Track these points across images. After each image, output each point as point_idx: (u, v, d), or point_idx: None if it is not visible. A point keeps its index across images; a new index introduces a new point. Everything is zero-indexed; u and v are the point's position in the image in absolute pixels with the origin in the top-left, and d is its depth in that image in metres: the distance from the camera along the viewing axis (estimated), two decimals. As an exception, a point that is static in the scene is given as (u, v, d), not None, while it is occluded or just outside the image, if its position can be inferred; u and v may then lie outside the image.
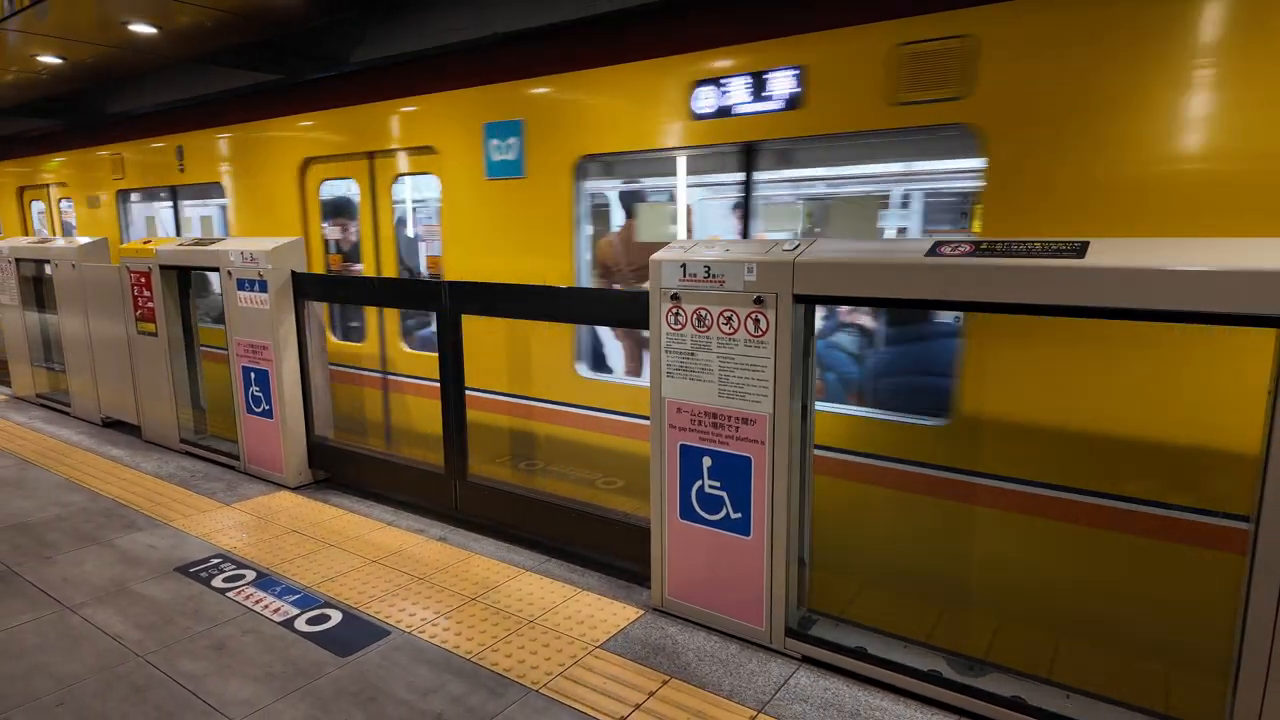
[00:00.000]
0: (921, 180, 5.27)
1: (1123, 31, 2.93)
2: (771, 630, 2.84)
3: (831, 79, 3.60)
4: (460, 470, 4.02)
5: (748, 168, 4.02)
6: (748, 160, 4.00)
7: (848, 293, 2.51)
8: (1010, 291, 2.21)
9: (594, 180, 4.92)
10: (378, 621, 3.09)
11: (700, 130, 4.02)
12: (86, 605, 3.25)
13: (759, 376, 2.72)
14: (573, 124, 4.54)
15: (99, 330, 6.00)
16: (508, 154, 4.89)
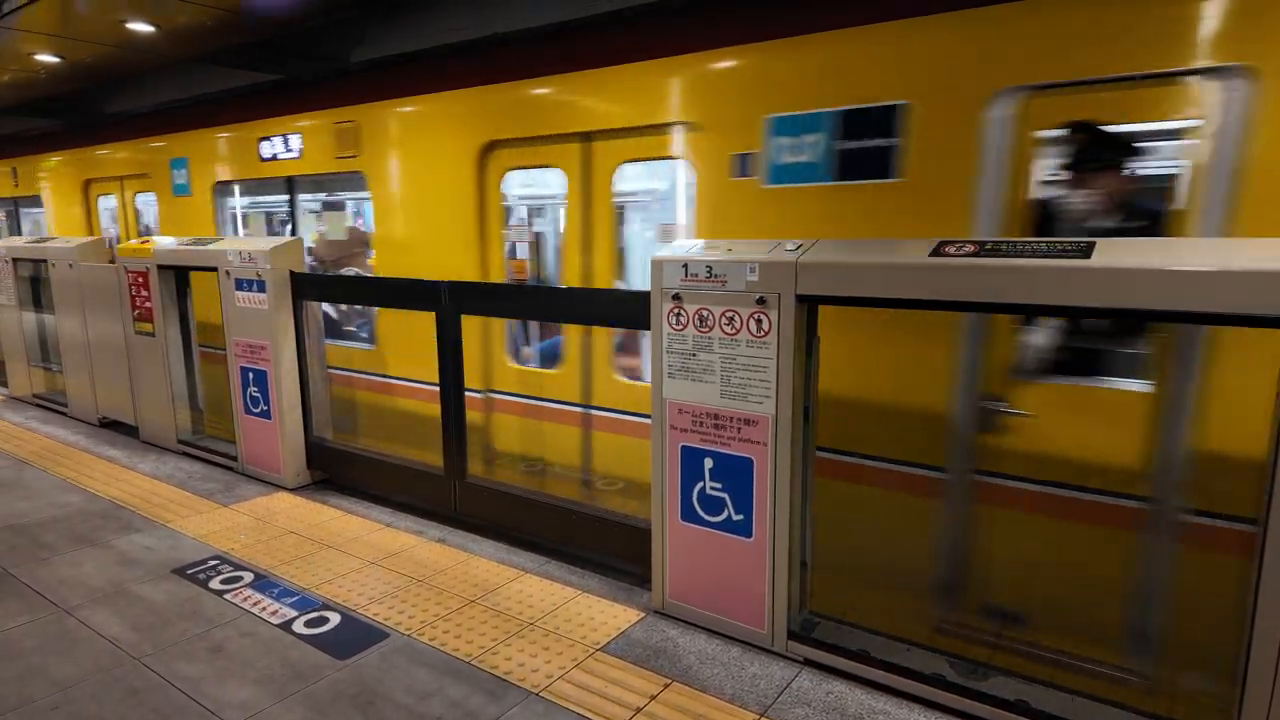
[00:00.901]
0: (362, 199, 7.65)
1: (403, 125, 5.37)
2: (773, 633, 2.82)
3: (314, 142, 5.95)
4: (460, 471, 3.99)
5: (291, 191, 6.69)
6: (290, 185, 6.64)
7: (851, 293, 2.49)
8: (1015, 292, 2.19)
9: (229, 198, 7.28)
10: (376, 624, 3.07)
11: (265, 168, 6.46)
12: (83, 607, 3.23)
13: (761, 377, 2.70)
14: (211, 160, 6.96)
15: (96, 330, 5.98)
16: (181, 179, 7.35)
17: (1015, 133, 3.08)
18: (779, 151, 3.66)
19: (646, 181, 5.21)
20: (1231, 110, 2.68)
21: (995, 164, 3.12)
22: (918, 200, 3.30)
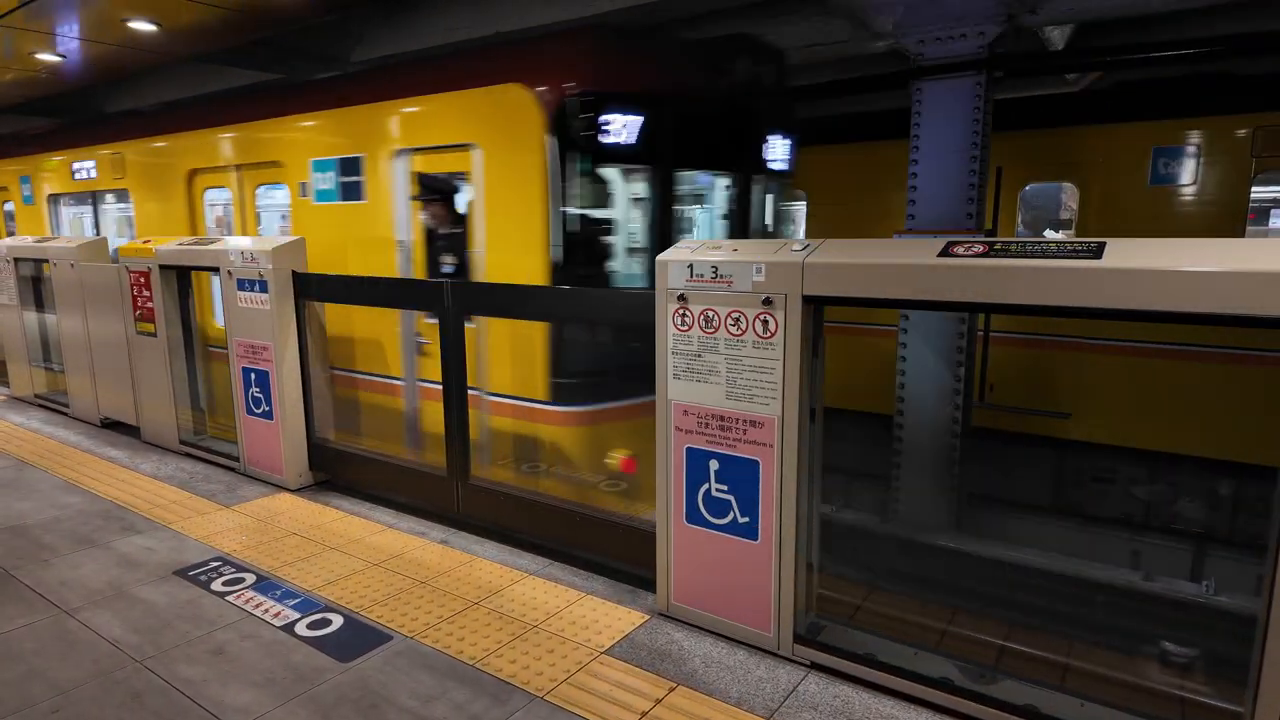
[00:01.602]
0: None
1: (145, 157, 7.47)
2: (779, 636, 2.80)
3: (101, 167, 8.07)
4: (462, 472, 3.97)
5: (94, 201, 8.98)
6: (94, 198, 8.88)
7: (859, 294, 2.47)
8: (1026, 293, 2.17)
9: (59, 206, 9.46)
10: (379, 626, 3.05)
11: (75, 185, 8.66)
12: (84, 609, 3.21)
13: (768, 378, 2.68)
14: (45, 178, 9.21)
15: (98, 330, 5.96)
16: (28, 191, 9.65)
17: (408, 173, 5.22)
18: (317, 181, 5.83)
19: (272, 198, 7.07)
20: (477, 165, 4.83)
21: (402, 192, 5.30)
22: (375, 214, 5.44)
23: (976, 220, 5.73)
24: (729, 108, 5.11)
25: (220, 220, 7.63)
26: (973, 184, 5.68)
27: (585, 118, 4.29)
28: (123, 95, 8.89)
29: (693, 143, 4.95)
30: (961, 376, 5.86)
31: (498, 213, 4.77)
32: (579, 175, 4.49)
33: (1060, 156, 6.35)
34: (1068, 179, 6.46)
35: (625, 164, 4.81)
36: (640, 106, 4.47)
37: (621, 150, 4.51)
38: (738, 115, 5.19)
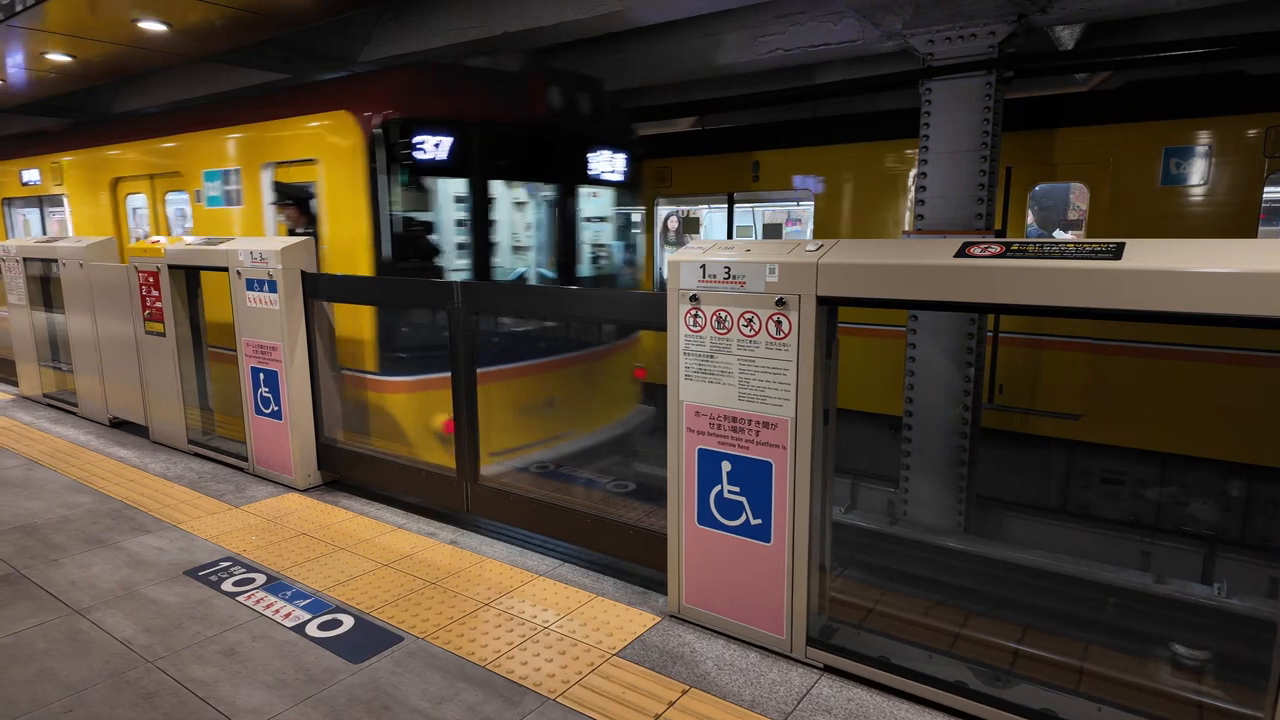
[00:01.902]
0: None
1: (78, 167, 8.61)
2: (792, 639, 2.79)
3: (46, 174, 8.93)
4: (472, 473, 3.97)
5: (41, 205, 9.98)
6: (40, 201, 9.87)
7: (874, 294, 2.45)
8: (1044, 294, 2.15)
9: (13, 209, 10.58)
10: (390, 627, 3.04)
11: (25, 190, 9.61)
12: (95, 609, 3.21)
13: (781, 380, 2.66)
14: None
15: (106, 330, 5.97)
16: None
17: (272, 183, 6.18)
18: (208, 189, 6.77)
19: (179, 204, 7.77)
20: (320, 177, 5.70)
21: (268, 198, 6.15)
22: (250, 217, 6.36)
23: (986, 221, 5.71)
24: (543, 128, 5.99)
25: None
26: (983, 184, 5.67)
27: (399, 139, 5.25)
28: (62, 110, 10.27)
29: (505, 158, 5.88)
30: (971, 377, 5.84)
31: (334, 216, 5.67)
32: (399, 185, 5.45)
33: (1070, 156, 6.32)
34: (1078, 179, 6.43)
35: (440, 176, 5.75)
36: (450, 129, 5.41)
37: (435, 165, 5.45)
38: (552, 134, 6.06)
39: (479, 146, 5.58)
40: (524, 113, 5.87)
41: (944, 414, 5.97)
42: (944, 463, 6.05)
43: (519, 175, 6.10)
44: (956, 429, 5.96)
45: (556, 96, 5.98)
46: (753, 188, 7.94)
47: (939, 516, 6.11)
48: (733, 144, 7.97)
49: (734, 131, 8.18)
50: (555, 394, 6.04)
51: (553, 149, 6.07)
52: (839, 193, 7.43)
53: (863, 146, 7.18)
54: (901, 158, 7.04)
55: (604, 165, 6.39)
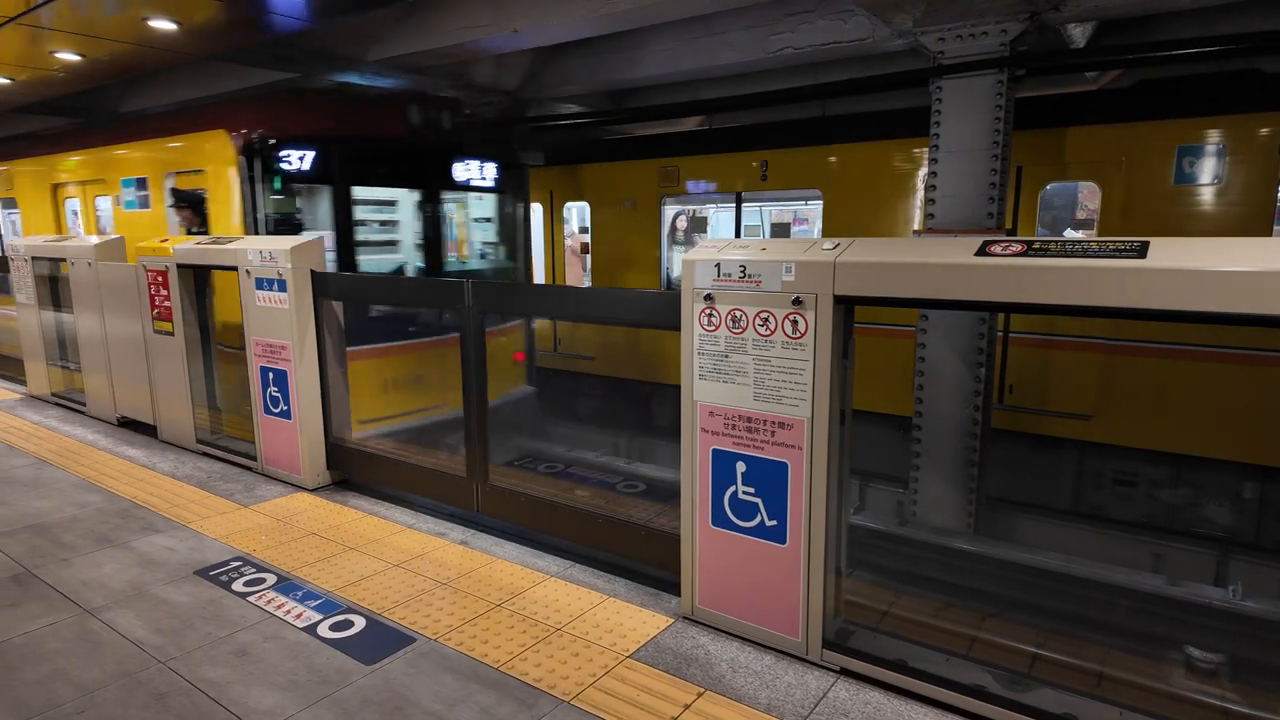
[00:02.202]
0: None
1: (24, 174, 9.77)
2: (808, 641, 2.76)
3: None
4: (482, 473, 3.95)
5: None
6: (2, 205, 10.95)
7: (892, 293, 2.43)
8: (1068, 293, 2.12)
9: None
10: (402, 628, 3.03)
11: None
12: (106, 609, 3.20)
13: (797, 380, 2.64)
14: None
15: (115, 329, 5.97)
16: None
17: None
18: (125, 194, 7.74)
19: (102, 207, 8.73)
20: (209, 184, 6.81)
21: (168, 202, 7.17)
22: (156, 218, 7.31)
23: (998, 220, 5.67)
24: (405, 143, 6.95)
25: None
26: (994, 183, 5.63)
27: (267, 153, 6.27)
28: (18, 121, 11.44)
29: (368, 168, 6.79)
30: (982, 377, 5.80)
31: (217, 216, 6.72)
32: (269, 191, 6.40)
33: (1082, 155, 6.28)
34: (1090, 178, 6.39)
35: (306, 184, 6.61)
36: (313, 144, 6.37)
37: (300, 174, 6.42)
38: (413, 148, 7.01)
39: (341, 159, 6.53)
40: (388, 130, 6.87)
41: (954, 414, 5.94)
42: (954, 463, 6.01)
43: (383, 183, 6.99)
44: (967, 429, 5.92)
45: (417, 115, 6.96)
46: (761, 187, 7.92)
47: (949, 517, 6.08)
48: (741, 143, 7.96)
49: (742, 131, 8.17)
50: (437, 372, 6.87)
51: (415, 160, 7.00)
52: (848, 192, 7.40)
53: (871, 145, 7.15)
54: (910, 157, 7.01)
55: (471, 174, 7.38)
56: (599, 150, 9.28)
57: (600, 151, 9.22)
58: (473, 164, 7.28)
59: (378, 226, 7.04)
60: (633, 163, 8.77)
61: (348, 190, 6.63)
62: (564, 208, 9.83)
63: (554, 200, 9.71)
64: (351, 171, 6.61)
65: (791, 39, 6.32)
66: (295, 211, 6.64)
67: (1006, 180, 5.69)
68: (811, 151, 7.50)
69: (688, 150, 8.36)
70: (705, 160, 8.23)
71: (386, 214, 7.09)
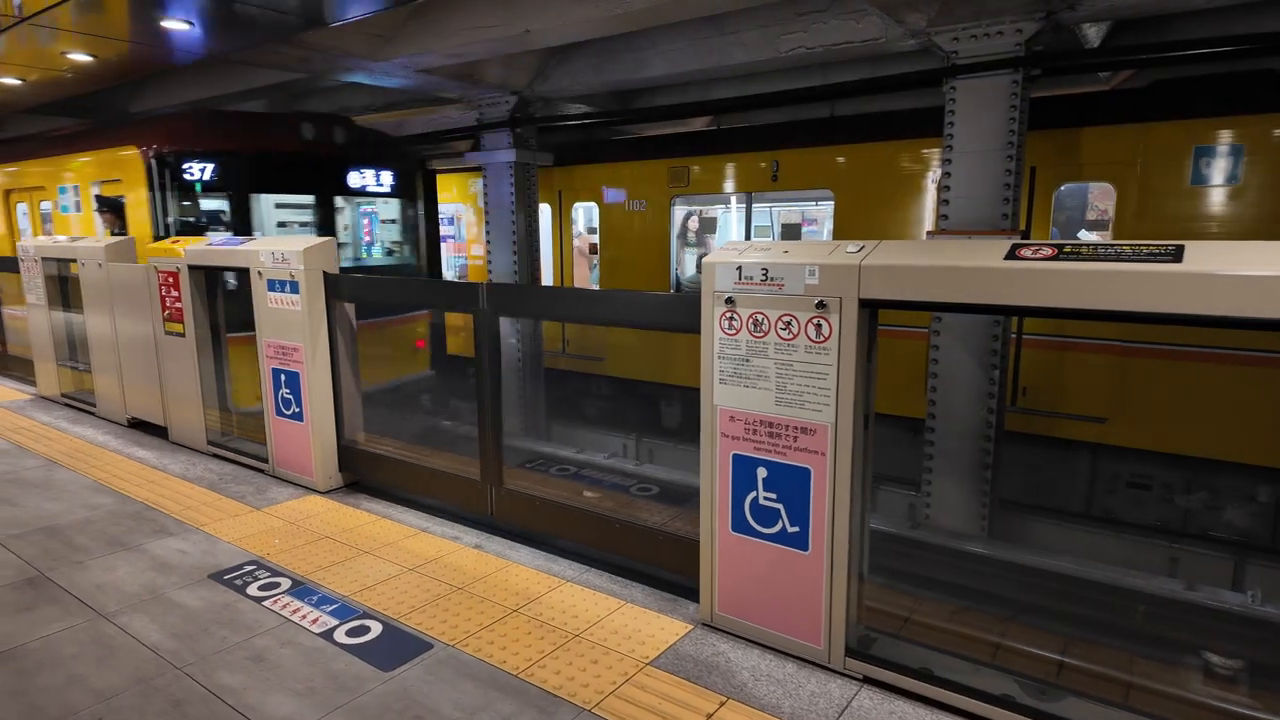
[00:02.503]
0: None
1: None
2: (830, 649, 2.73)
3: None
4: (496, 477, 3.92)
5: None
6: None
7: (919, 297, 2.39)
8: (1102, 298, 2.09)
9: None
10: (419, 634, 3.00)
11: None
12: (121, 613, 3.18)
13: (820, 384, 2.61)
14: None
15: (125, 330, 5.96)
16: None
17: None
18: (61, 200, 8.74)
19: (47, 212, 9.54)
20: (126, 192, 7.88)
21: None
22: (85, 221, 8.31)
23: (1012, 221, 5.63)
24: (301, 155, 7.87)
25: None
26: (1008, 184, 5.59)
27: (170, 165, 7.26)
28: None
29: (265, 178, 7.79)
30: (996, 379, 5.76)
31: (133, 220, 7.57)
32: (173, 198, 7.35)
33: (1097, 156, 6.23)
34: (1104, 179, 6.33)
35: (209, 192, 7.53)
36: (213, 158, 7.40)
37: (203, 184, 7.42)
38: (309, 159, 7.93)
39: (238, 170, 7.53)
40: (284, 144, 7.77)
41: (968, 416, 5.90)
42: (967, 466, 5.97)
43: (280, 190, 7.95)
44: (981, 431, 5.88)
45: (311, 131, 7.87)
46: (772, 187, 7.89)
47: (962, 520, 6.04)
48: (752, 143, 7.93)
49: (753, 130, 8.13)
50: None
51: (309, 169, 7.93)
52: (860, 192, 7.36)
53: (884, 146, 7.11)
54: (922, 157, 6.97)
55: (367, 180, 8.41)
56: (608, 150, 9.25)
57: (609, 152, 9.20)
58: (367, 172, 8.35)
59: (278, 228, 8.02)
60: (642, 163, 8.74)
61: (246, 197, 7.65)
62: (572, 208, 9.80)
63: (562, 200, 9.68)
64: (248, 180, 7.63)
65: (804, 39, 6.28)
66: (200, 217, 7.60)
67: (1020, 181, 5.64)
68: (823, 152, 7.46)
69: (698, 150, 8.32)
70: (716, 160, 8.20)
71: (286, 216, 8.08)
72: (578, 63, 7.59)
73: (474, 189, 10.37)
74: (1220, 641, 3.37)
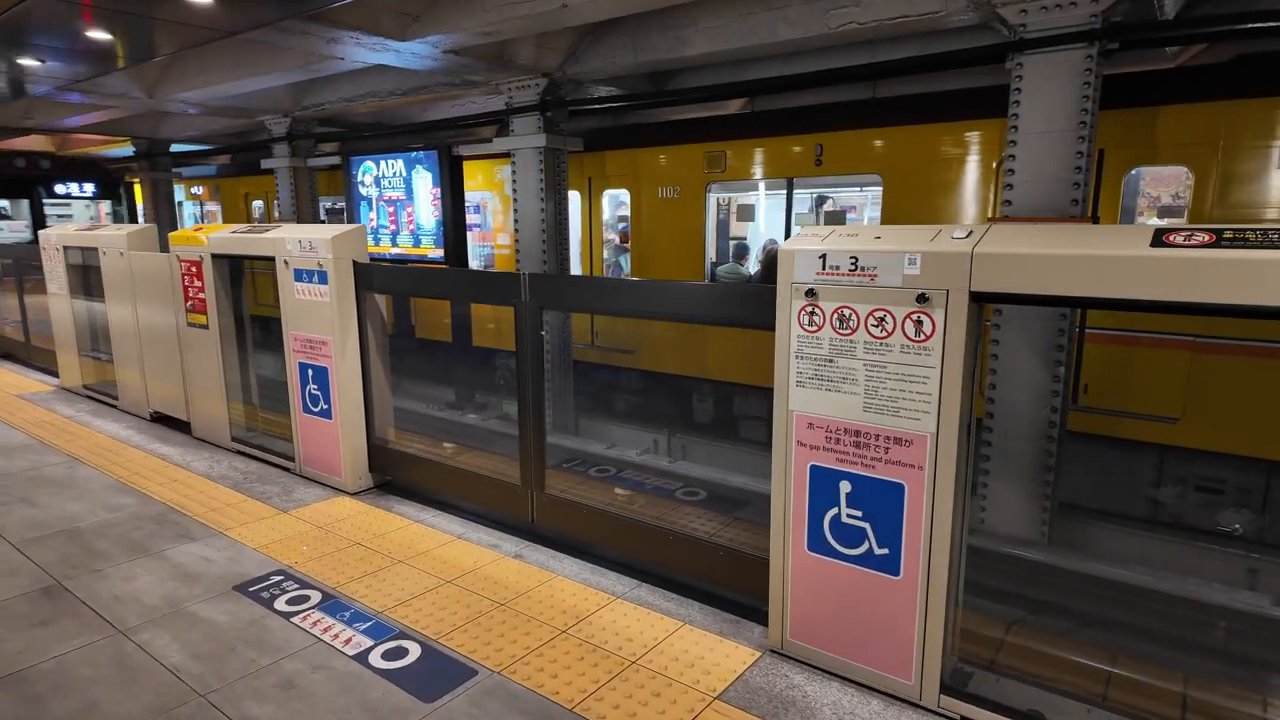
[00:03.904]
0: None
1: None
2: (923, 686, 2.43)
3: None
4: (538, 482, 3.66)
5: None
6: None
7: (1044, 290, 2.07)
8: (1272, 293, 1.75)
9: None
10: (462, 658, 2.74)
11: None
12: (141, 629, 2.95)
13: (920, 389, 2.29)
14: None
15: (148, 321, 5.76)
16: None
17: None
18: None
19: None
20: None
21: None
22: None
23: (1082, 206, 5.25)
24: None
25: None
26: (1079, 167, 5.20)
27: None
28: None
29: None
30: (1060, 376, 5.39)
31: None
32: None
33: (1173, 138, 5.81)
34: (1181, 162, 5.91)
35: None
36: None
37: None
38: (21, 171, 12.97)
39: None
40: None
41: (1028, 415, 5.54)
42: (1027, 468, 5.62)
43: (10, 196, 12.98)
44: (1042, 431, 5.52)
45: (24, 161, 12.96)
46: (815, 172, 7.52)
47: (1021, 526, 5.69)
48: (794, 126, 7.55)
49: (795, 112, 7.75)
50: None
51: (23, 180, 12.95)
52: (911, 177, 6.98)
53: (937, 128, 6.72)
54: (981, 139, 6.57)
55: (73, 189, 13.91)
56: (641, 135, 8.91)
57: (642, 136, 8.86)
58: (72, 185, 13.84)
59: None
60: (677, 147, 8.39)
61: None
62: (602, 195, 9.49)
63: (592, 187, 9.37)
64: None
65: (855, 13, 5.90)
66: None
67: (1091, 164, 5.25)
68: (871, 135, 7.08)
69: (736, 134, 7.96)
70: (755, 144, 7.84)
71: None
72: (612, 41, 7.25)
73: (500, 176, 10.09)
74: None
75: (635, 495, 4.41)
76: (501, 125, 8.85)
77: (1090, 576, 3.76)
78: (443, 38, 6.34)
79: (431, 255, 9.39)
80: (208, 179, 14.74)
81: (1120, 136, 5.91)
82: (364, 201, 10.24)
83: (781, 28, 6.30)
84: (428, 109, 10.25)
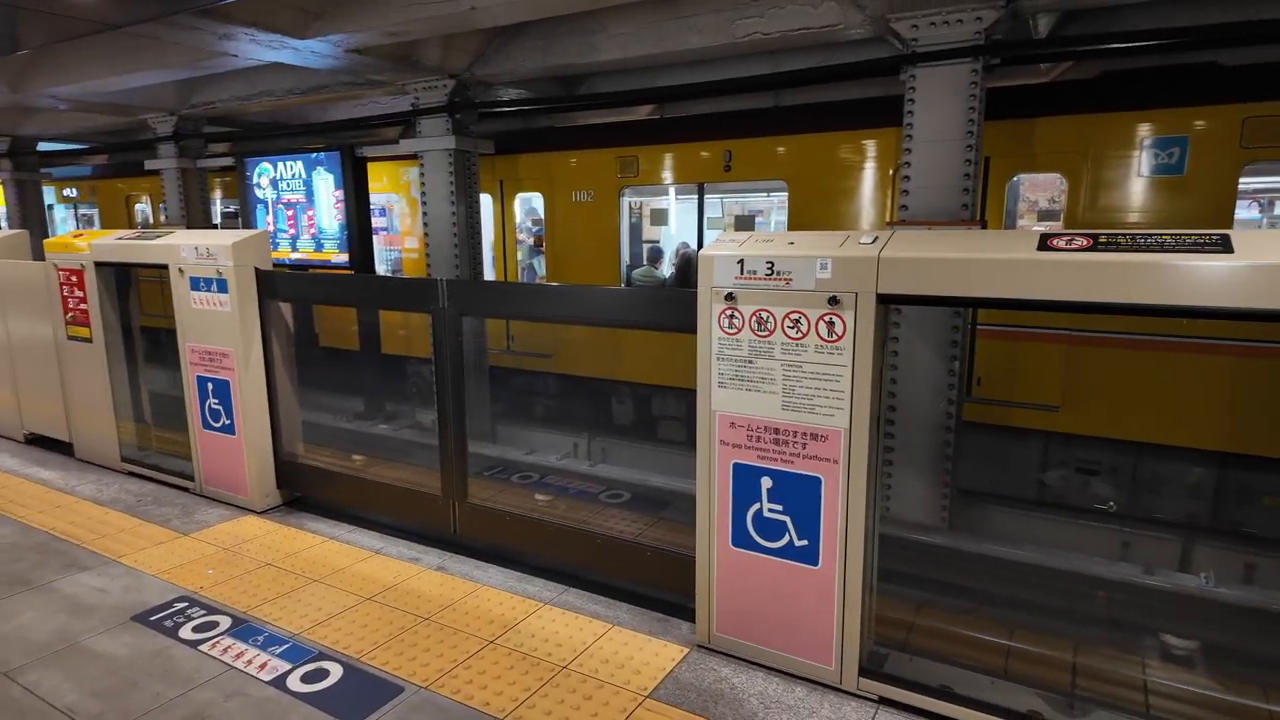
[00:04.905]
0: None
1: None
2: (843, 670, 2.55)
3: None
4: (460, 491, 3.60)
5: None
6: None
7: (943, 292, 2.22)
8: (1146, 292, 1.95)
9: None
10: (387, 675, 2.67)
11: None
12: (28, 669, 2.73)
13: (834, 387, 2.41)
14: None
15: (20, 335, 5.31)
16: None
17: None
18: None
19: None
20: None
21: None
22: None
23: (971, 211, 5.60)
24: None
25: None
26: (968, 174, 5.55)
27: None
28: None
29: None
30: (956, 370, 5.74)
31: None
32: None
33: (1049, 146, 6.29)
34: (1057, 169, 6.40)
35: None
36: None
37: None
38: None
39: None
40: None
41: (927, 408, 5.87)
42: (928, 458, 5.95)
43: None
44: (941, 423, 5.86)
45: None
46: (725, 178, 7.70)
47: (924, 513, 6.02)
48: (703, 132, 7.71)
49: (704, 119, 7.92)
50: None
51: None
52: (814, 183, 7.26)
53: (839, 135, 7.02)
54: (879, 147, 6.91)
55: None
56: (553, 139, 8.89)
57: (554, 140, 8.83)
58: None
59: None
60: (590, 151, 8.42)
61: None
62: (514, 199, 9.41)
63: (504, 191, 9.27)
64: None
65: (760, 24, 6.09)
66: None
67: (978, 171, 5.62)
68: (776, 141, 7.32)
69: (648, 140, 8.06)
70: (666, 150, 7.96)
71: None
72: (523, 44, 7.21)
73: (407, 178, 9.84)
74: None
75: (559, 500, 4.40)
76: (408, 126, 8.63)
77: (988, 557, 4.01)
78: (345, 37, 6.14)
79: (335, 260, 9.04)
80: (83, 180, 13.71)
81: (1003, 145, 6.35)
82: (260, 204, 9.76)
83: (690, 36, 6.43)
84: (329, 109, 9.88)
